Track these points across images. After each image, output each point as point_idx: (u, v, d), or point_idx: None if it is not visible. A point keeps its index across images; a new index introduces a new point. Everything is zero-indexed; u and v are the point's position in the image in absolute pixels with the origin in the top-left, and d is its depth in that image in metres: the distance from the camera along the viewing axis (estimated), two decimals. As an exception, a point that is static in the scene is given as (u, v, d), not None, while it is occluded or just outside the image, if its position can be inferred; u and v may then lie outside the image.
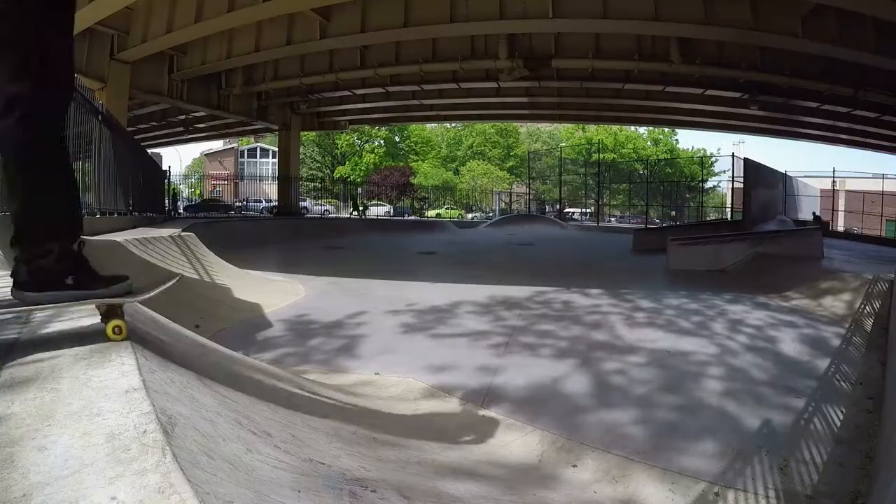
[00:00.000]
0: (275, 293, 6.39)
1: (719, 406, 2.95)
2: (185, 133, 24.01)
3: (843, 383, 3.33)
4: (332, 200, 38.88)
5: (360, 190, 42.60)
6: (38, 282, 1.30)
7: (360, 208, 27.62)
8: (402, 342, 4.32)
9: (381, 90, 17.30)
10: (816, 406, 2.94)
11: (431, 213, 35.50)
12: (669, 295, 6.53)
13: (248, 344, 4.14)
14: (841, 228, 22.79)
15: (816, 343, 4.32)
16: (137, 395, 1.03)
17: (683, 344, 4.21)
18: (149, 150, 17.69)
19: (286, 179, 22.38)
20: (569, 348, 4.10)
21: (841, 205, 24.91)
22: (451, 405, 2.98)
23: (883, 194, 21.68)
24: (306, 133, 29.18)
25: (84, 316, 1.58)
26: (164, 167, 18.14)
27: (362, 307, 5.62)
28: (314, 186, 39.60)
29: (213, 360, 1.92)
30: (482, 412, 2.87)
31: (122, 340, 1.31)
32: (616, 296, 6.38)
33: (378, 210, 34.22)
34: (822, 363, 3.77)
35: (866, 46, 9.72)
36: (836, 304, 5.67)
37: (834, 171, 21.68)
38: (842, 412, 2.85)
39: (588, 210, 34.23)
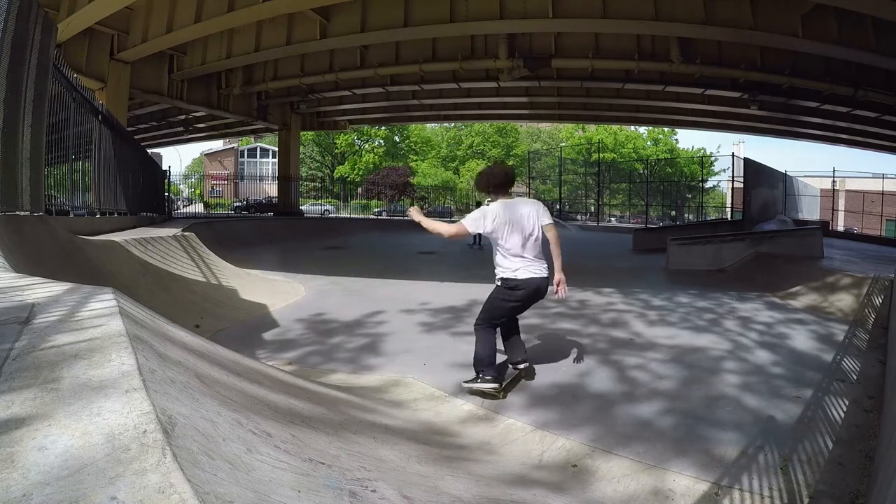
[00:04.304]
0: (275, 293, 6.39)
1: (719, 406, 2.95)
2: (185, 133, 24.00)
3: (843, 383, 3.32)
4: (333, 200, 38.95)
5: (359, 189, 42.75)
6: None
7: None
8: (407, 342, 4.32)
9: (380, 90, 17.29)
10: (817, 406, 2.94)
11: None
12: (679, 293, 6.56)
13: (249, 344, 4.14)
14: (841, 228, 22.79)
15: (816, 343, 4.32)
16: (137, 395, 1.03)
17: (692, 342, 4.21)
18: (149, 150, 17.69)
19: (286, 179, 22.40)
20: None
21: (841, 205, 24.91)
22: (452, 405, 2.97)
23: (883, 194, 21.69)
24: (306, 133, 29.17)
25: (84, 317, 1.58)
26: (164, 167, 18.15)
27: (363, 307, 5.62)
28: (314, 186, 39.68)
29: (214, 360, 1.92)
30: (482, 412, 2.87)
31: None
32: (628, 294, 6.44)
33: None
34: (822, 363, 3.77)
35: (866, 46, 9.71)
36: (836, 304, 5.67)
37: (834, 171, 21.72)
38: (842, 412, 2.85)
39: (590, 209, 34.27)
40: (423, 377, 3.39)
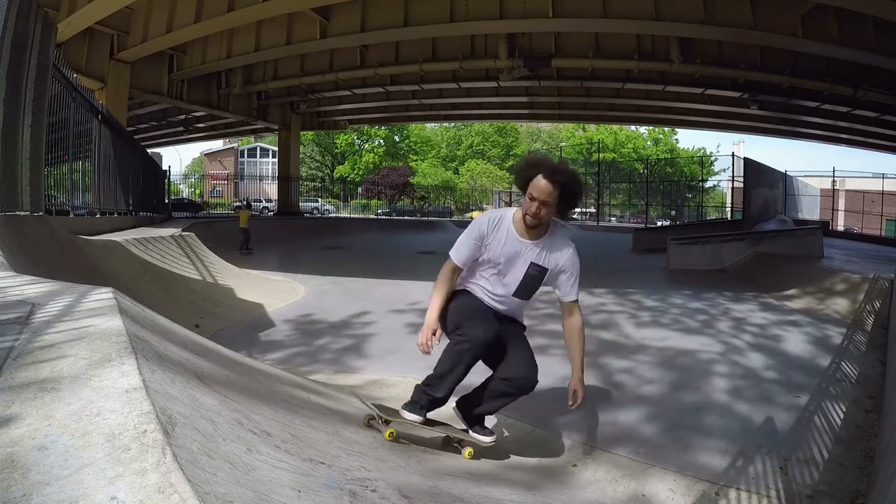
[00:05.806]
0: (275, 293, 6.39)
1: (720, 405, 2.95)
2: (185, 133, 24.00)
3: (843, 383, 3.32)
4: (333, 200, 39.00)
5: (359, 189, 42.76)
6: None
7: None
8: (405, 342, 4.32)
9: (380, 90, 17.29)
10: (817, 405, 2.94)
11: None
12: (673, 294, 6.54)
13: (249, 344, 4.14)
14: (841, 228, 22.79)
15: (817, 342, 4.32)
16: (137, 395, 1.03)
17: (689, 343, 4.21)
18: (149, 150, 17.70)
19: (286, 179, 22.40)
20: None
21: (841, 205, 24.90)
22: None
23: (883, 194, 21.68)
24: (306, 133, 29.16)
25: (84, 317, 1.58)
26: (164, 167, 18.17)
27: (363, 307, 5.62)
28: (314, 186, 39.67)
29: (214, 360, 1.92)
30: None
31: None
32: (621, 295, 6.40)
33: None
34: (823, 363, 3.76)
35: (866, 46, 9.70)
36: (836, 303, 5.67)
37: (834, 171, 21.70)
38: (842, 412, 2.85)
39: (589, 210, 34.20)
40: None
